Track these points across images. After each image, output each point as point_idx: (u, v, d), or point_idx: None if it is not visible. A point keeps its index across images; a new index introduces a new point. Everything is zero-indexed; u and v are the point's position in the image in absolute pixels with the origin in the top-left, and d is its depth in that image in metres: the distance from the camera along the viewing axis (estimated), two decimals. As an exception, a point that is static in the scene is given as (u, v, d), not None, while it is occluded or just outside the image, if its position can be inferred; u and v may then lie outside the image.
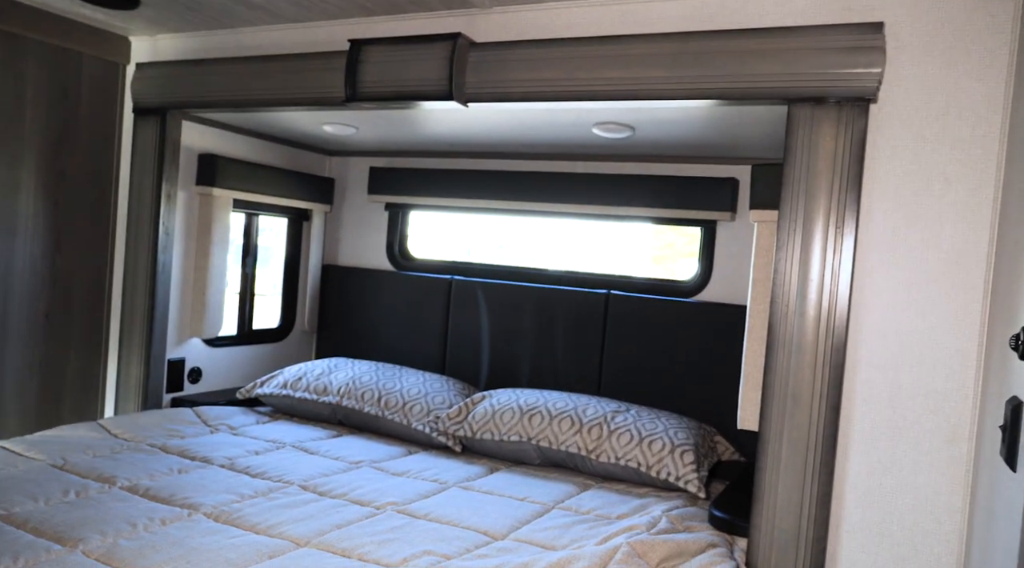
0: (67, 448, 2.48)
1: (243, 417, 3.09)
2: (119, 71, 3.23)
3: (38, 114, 2.95)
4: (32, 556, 1.71)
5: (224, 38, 3.03)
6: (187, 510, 2.07)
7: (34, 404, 3.01)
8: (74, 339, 3.15)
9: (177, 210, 3.16)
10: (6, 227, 2.87)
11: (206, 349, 3.39)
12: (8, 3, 2.78)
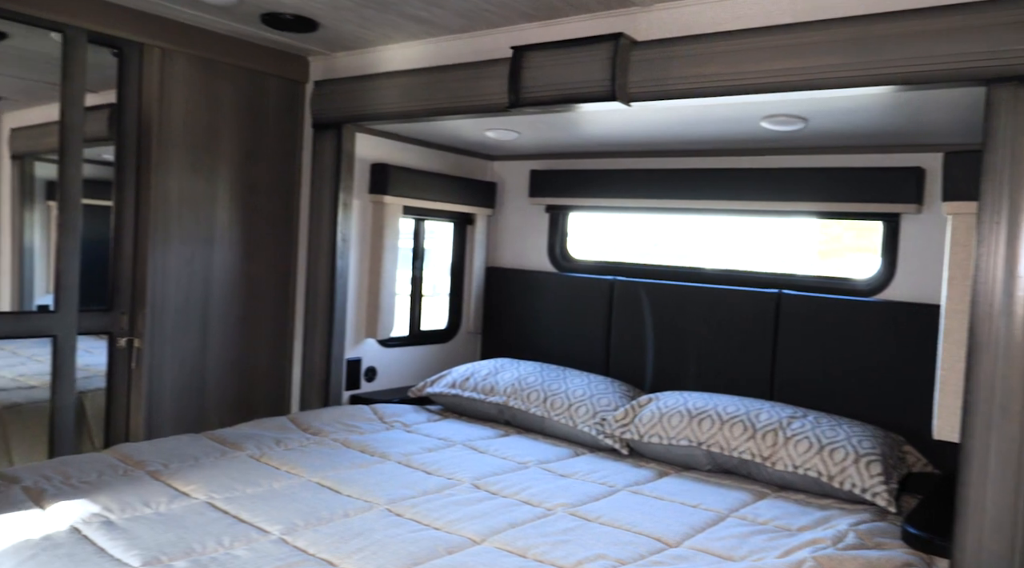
0: (262, 440, 2.68)
1: (415, 415, 3.22)
2: (299, 89, 3.45)
3: (232, 132, 3.21)
4: (238, 539, 1.86)
5: (393, 53, 3.16)
6: (369, 503, 2.18)
7: (232, 399, 3.28)
8: (264, 340, 3.40)
9: (352, 218, 3.35)
10: (206, 237, 3.15)
11: (380, 349, 3.57)
12: (206, 33, 3.04)
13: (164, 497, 2.09)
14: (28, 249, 3.55)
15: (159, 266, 2.99)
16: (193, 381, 3.13)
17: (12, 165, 3.46)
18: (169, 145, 3.00)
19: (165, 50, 2.96)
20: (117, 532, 1.83)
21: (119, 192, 2.98)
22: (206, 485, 2.20)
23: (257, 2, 2.72)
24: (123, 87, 2.96)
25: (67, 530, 1.83)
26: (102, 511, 1.95)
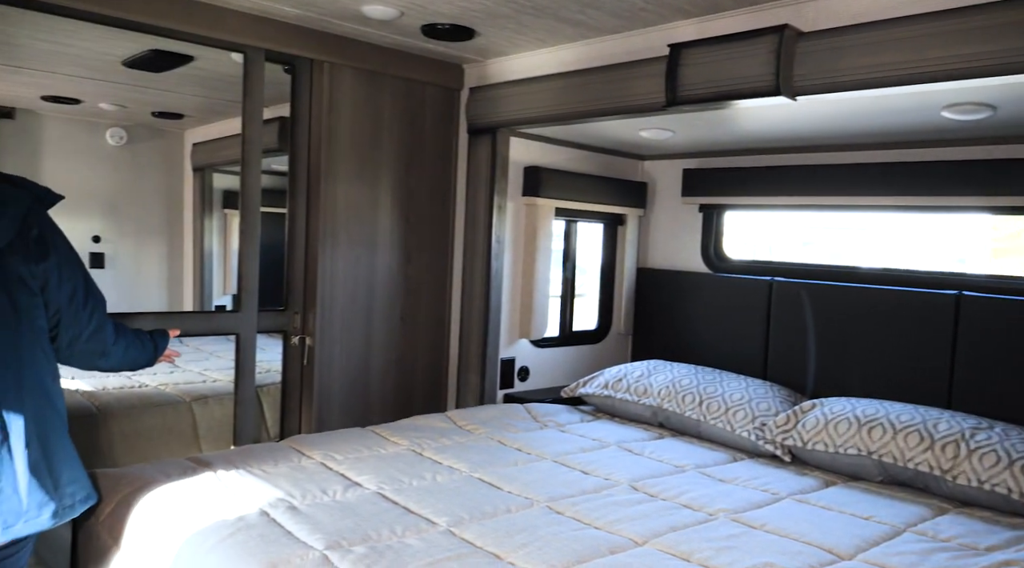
0: (423, 436, 2.79)
1: (568, 415, 3.24)
2: (455, 96, 3.56)
3: (392, 140, 3.36)
4: (409, 529, 1.95)
5: (546, 57, 3.20)
6: (529, 500, 2.22)
7: (393, 395, 3.43)
8: (422, 339, 3.53)
9: (506, 220, 3.42)
10: (370, 242, 3.31)
11: (533, 349, 3.62)
12: (370, 47, 3.20)
13: (339, 486, 2.22)
14: (207, 254, 3.87)
15: (328, 269, 3.18)
16: (358, 377, 3.30)
17: (194, 177, 3.79)
18: (337, 155, 3.18)
19: (333, 64, 3.14)
20: (301, 517, 1.96)
21: (292, 200, 3.18)
22: (376, 476, 2.31)
23: (418, 14, 2.83)
24: (296, 101, 3.16)
25: (257, 513, 1.97)
26: (286, 496, 2.09)
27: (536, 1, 2.63)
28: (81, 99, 3.47)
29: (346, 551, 1.78)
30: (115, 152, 3.61)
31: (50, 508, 1.83)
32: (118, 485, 2.19)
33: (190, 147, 3.81)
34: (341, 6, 2.77)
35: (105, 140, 3.59)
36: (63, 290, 1.96)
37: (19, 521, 1.77)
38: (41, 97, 3.33)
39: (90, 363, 2.17)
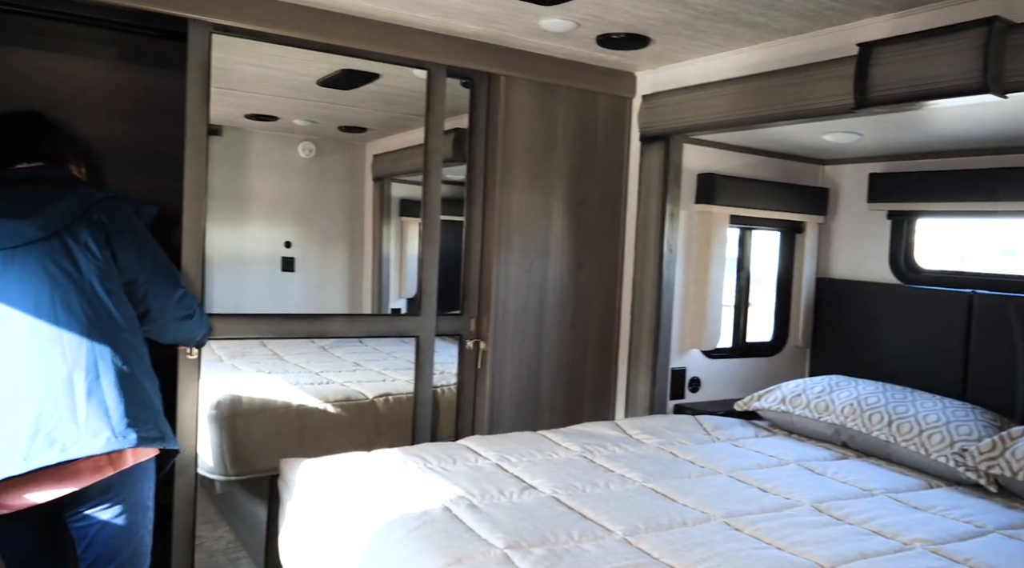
0: (593, 443, 2.80)
1: (742, 429, 3.15)
2: (626, 104, 3.56)
3: (565, 149, 3.40)
4: (585, 534, 1.97)
5: (721, 62, 3.13)
6: (706, 515, 2.17)
7: (562, 400, 3.47)
8: (591, 346, 3.55)
9: (679, 228, 3.38)
10: (542, 249, 3.37)
11: (704, 360, 3.54)
12: (545, 59, 3.27)
13: (515, 488, 2.27)
14: (385, 259, 4.09)
15: (502, 275, 3.27)
16: (529, 382, 3.37)
17: (374, 186, 4.01)
18: (512, 164, 3.26)
19: (510, 77, 3.23)
20: (481, 515, 2.03)
21: (469, 208, 3.31)
22: (550, 480, 2.35)
23: (594, 25, 2.86)
24: (474, 113, 3.28)
25: (440, 508, 2.07)
26: (466, 494, 2.18)
27: (715, 6, 2.58)
28: (278, 116, 3.79)
29: (526, 552, 1.82)
30: (305, 164, 3.89)
31: (104, 435, 1.96)
32: (312, 472, 2.36)
33: (371, 158, 4.05)
34: (520, 21, 2.85)
35: (297, 153, 3.88)
36: (143, 264, 2.24)
37: (75, 444, 1.92)
38: (245, 115, 3.66)
39: (181, 330, 2.44)
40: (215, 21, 2.65)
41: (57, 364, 1.96)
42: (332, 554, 2.08)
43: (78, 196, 2.16)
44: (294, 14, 2.75)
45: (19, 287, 2.01)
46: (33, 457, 1.87)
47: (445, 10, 2.77)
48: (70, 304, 2.03)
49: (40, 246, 2.05)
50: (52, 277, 2.03)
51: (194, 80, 2.67)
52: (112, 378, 2.02)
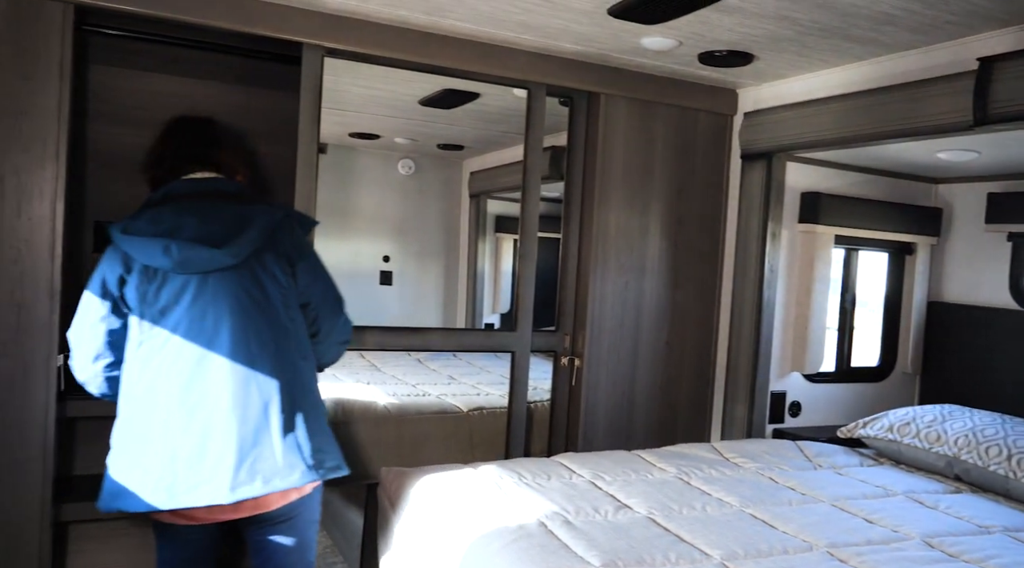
0: (689, 465, 2.76)
1: (845, 457, 3.03)
2: (727, 122, 3.51)
3: (664, 168, 3.39)
4: (682, 557, 1.94)
5: (828, 77, 3.05)
6: (807, 544, 2.11)
7: (656, 420, 3.43)
8: (687, 366, 3.50)
9: (780, 248, 3.30)
10: (639, 267, 3.35)
11: (805, 384, 3.44)
12: (644, 77, 3.27)
13: (610, 507, 2.26)
14: (480, 274, 4.15)
15: (597, 293, 3.27)
16: (623, 401, 3.35)
17: (470, 203, 4.08)
18: (610, 182, 3.27)
19: (609, 96, 3.24)
20: (576, 532, 2.03)
21: (566, 225, 3.33)
22: (645, 501, 2.33)
23: (696, 43, 2.84)
24: (572, 131, 3.31)
25: (535, 523, 2.08)
26: (560, 511, 2.18)
27: (824, 22, 2.53)
28: (380, 134, 3.92)
29: (621, 571, 1.81)
30: (404, 181, 4.00)
31: (300, 468, 2.02)
32: (411, 482, 2.42)
33: (467, 175, 4.13)
34: (621, 40, 2.86)
35: (397, 170, 4.00)
36: (315, 290, 2.23)
37: (276, 477, 1.99)
38: (349, 134, 3.80)
39: (337, 352, 2.40)
40: (327, 45, 2.78)
41: (254, 397, 2.01)
42: (430, 563, 2.12)
43: (263, 219, 2.12)
44: (400, 37, 2.85)
45: (214, 315, 2.02)
46: (239, 489, 1.95)
47: (546, 31, 2.81)
48: (261, 334, 2.06)
49: (231, 273, 2.05)
50: (243, 306, 2.05)
51: (306, 101, 2.80)
52: (301, 410, 2.09)
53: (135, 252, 2.01)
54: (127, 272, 2.04)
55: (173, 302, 2.02)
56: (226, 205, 2.15)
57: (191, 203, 2.12)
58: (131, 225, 2.05)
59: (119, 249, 2.04)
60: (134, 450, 2.01)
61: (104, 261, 2.08)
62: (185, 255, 1.99)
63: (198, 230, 2.04)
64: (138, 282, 2.03)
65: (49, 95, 2.45)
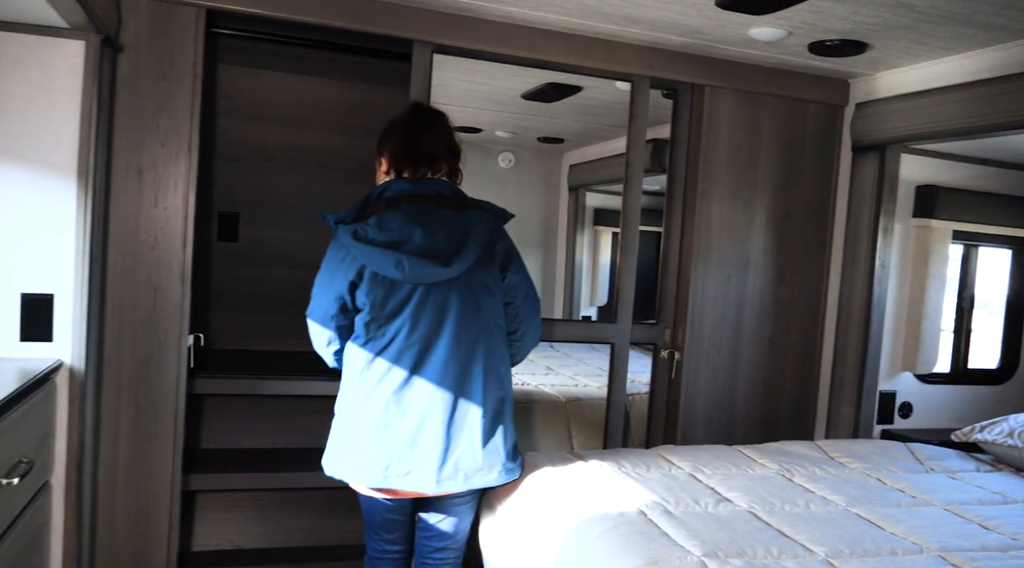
0: (792, 462, 2.71)
1: (960, 461, 2.91)
2: (838, 113, 3.42)
3: (770, 160, 3.33)
4: (784, 552, 1.92)
5: (948, 66, 2.93)
6: (918, 546, 2.05)
7: (757, 417, 3.39)
8: (790, 362, 3.43)
9: (893, 243, 3.19)
10: (741, 261, 3.31)
11: (917, 384, 3.32)
12: (751, 67, 3.22)
13: (711, 499, 2.26)
14: (577, 267, 4.18)
15: (699, 286, 3.25)
16: (723, 395, 3.32)
17: (569, 195, 4.12)
18: (713, 175, 3.24)
19: (713, 87, 3.21)
20: (676, 522, 2.05)
21: (668, 218, 3.32)
22: (746, 495, 2.32)
23: (806, 32, 2.78)
24: (676, 124, 3.29)
25: (635, 512, 2.11)
26: (660, 501, 2.20)
27: (944, 8, 2.43)
28: (482, 128, 4.00)
29: (723, 561, 1.82)
30: (504, 173, 4.07)
31: (497, 468, 2.23)
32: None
33: (567, 168, 4.17)
34: (729, 32, 2.83)
35: (497, 163, 4.07)
36: (520, 291, 2.33)
37: (476, 475, 2.19)
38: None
39: (530, 350, 2.49)
40: (436, 41, 2.87)
41: (462, 400, 2.18)
42: (530, 546, 2.18)
43: (480, 228, 2.22)
44: (507, 32, 2.91)
45: (435, 321, 2.16)
46: (444, 483, 2.16)
47: (653, 24, 2.82)
48: (473, 341, 2.20)
49: (451, 282, 2.17)
50: (460, 313, 2.18)
51: (416, 96, 2.89)
52: (502, 414, 2.27)
53: (367, 260, 2.14)
54: (359, 279, 2.17)
55: (399, 308, 2.16)
56: (446, 212, 2.21)
57: (416, 209, 2.19)
58: (361, 230, 2.15)
59: (349, 252, 2.18)
60: (354, 433, 2.21)
61: (335, 261, 2.22)
62: (416, 271, 2.12)
63: (426, 244, 2.14)
64: (369, 288, 2.16)
65: (183, 94, 2.64)
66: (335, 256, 2.21)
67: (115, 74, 2.55)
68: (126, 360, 2.64)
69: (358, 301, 2.18)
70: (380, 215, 2.17)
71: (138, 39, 2.57)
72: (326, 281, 2.22)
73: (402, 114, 2.37)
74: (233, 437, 3.34)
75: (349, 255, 2.16)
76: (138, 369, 2.66)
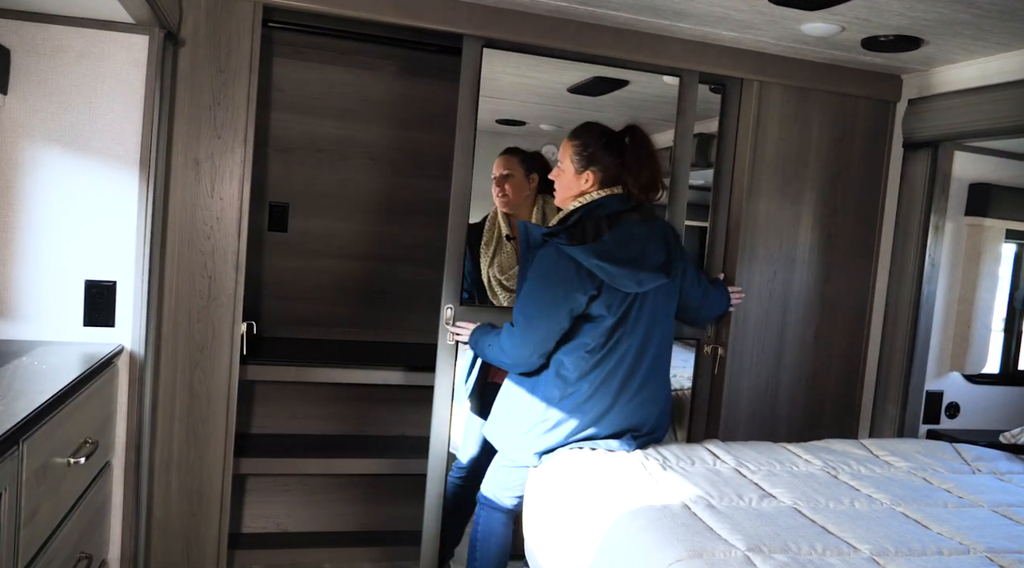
0: (836, 460, 2.70)
1: (1008, 463, 2.87)
2: (889, 109, 3.37)
3: (819, 156, 3.30)
4: (829, 548, 1.93)
5: (1005, 62, 2.88)
6: (964, 547, 2.03)
7: (800, 414, 3.37)
8: (835, 360, 3.41)
9: (944, 241, 3.15)
10: (788, 258, 3.29)
11: (965, 385, 3.28)
12: (801, 63, 3.19)
13: (754, 495, 2.27)
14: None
15: (744, 282, 3.24)
16: (767, 392, 3.31)
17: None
18: (761, 171, 3.22)
19: (763, 83, 3.19)
20: (720, 516, 2.06)
21: (714, 213, 3.31)
22: (790, 492, 2.32)
23: (860, 28, 2.75)
24: (724, 119, 3.28)
25: (679, 505, 2.12)
26: (704, 495, 2.21)
27: (1004, 3, 2.39)
28: (526, 121, 4.01)
29: (767, 556, 1.83)
30: (547, 166, 4.07)
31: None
32: (559, 458, 2.51)
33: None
34: (780, 27, 2.81)
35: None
36: (697, 284, 2.81)
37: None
38: (496, 120, 3.92)
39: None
40: (486, 35, 2.90)
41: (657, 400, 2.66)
42: (573, 536, 2.21)
43: (671, 236, 2.63)
44: (556, 26, 2.93)
45: (648, 324, 2.53)
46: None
47: (703, 18, 2.81)
48: (665, 341, 2.63)
49: (657, 290, 2.53)
50: (660, 316, 2.58)
51: (466, 90, 2.93)
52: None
53: (608, 277, 2.42)
54: (597, 292, 2.43)
55: (626, 314, 2.49)
56: (649, 225, 2.55)
57: (637, 227, 2.51)
58: (601, 250, 2.41)
59: (582, 268, 2.41)
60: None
61: (568, 277, 2.43)
62: (649, 284, 2.48)
63: (654, 258, 2.50)
64: (607, 299, 2.45)
65: (239, 86, 2.71)
66: (568, 276, 2.41)
67: (175, 68, 2.62)
68: (182, 346, 2.73)
69: (592, 311, 2.44)
70: (613, 232, 2.44)
71: (196, 33, 2.64)
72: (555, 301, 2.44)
73: (627, 137, 2.61)
74: (282, 423, 3.43)
75: (581, 270, 2.40)
76: (193, 355, 2.74)
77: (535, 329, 2.45)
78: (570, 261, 2.39)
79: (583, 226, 2.43)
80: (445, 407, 2.96)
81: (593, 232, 2.41)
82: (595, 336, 2.46)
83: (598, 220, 2.44)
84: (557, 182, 2.62)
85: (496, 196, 3.14)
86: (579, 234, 2.42)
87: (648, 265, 2.46)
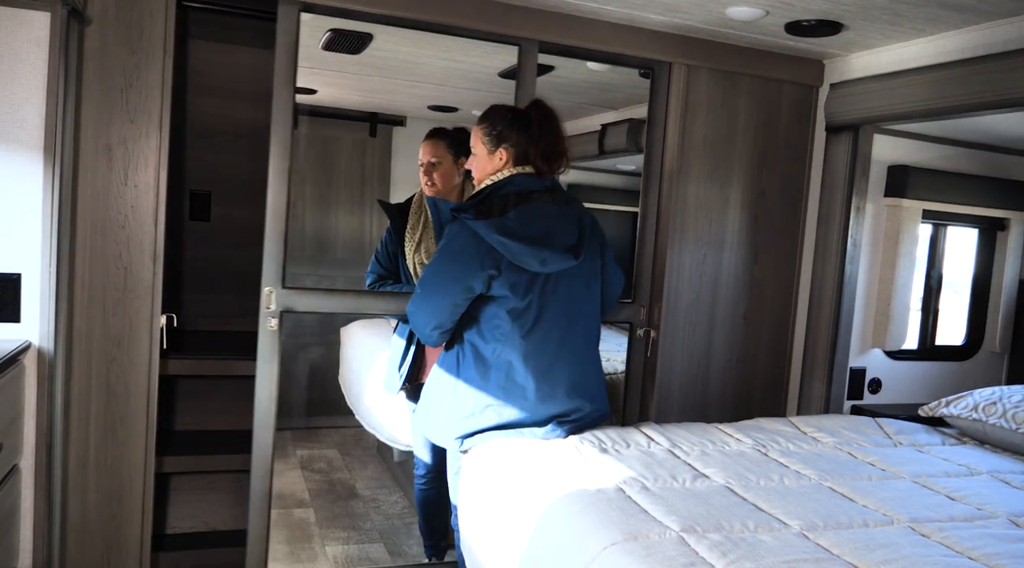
0: (766, 438, 2.75)
1: (927, 435, 2.98)
2: (812, 93, 3.44)
3: (746, 140, 3.34)
4: (761, 525, 1.95)
5: (921, 47, 2.96)
6: (888, 518, 2.09)
7: (731, 394, 3.43)
8: (763, 340, 3.47)
9: (864, 222, 3.23)
10: (717, 240, 3.34)
11: (887, 361, 3.38)
12: (727, 47, 3.22)
13: (688, 475, 2.29)
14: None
15: (675, 265, 3.27)
16: (698, 374, 3.36)
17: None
18: (690, 155, 3.25)
19: (691, 67, 3.21)
20: (654, 498, 2.07)
21: (644, 198, 3.32)
22: (723, 471, 2.35)
23: (784, 12, 2.79)
24: (653, 104, 3.28)
25: (614, 488, 2.12)
26: (638, 477, 2.22)
27: (920, -11, 2.46)
28: (458, 107, 3.96)
29: (701, 536, 1.85)
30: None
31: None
32: (490, 446, 2.49)
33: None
34: (706, 11, 2.83)
35: (475, 142, 4.03)
36: (616, 276, 2.75)
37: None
38: (428, 106, 3.86)
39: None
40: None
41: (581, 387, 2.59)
42: (507, 523, 2.19)
43: (586, 220, 2.55)
44: (482, 6, 2.87)
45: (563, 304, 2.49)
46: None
47: (630, 2, 2.80)
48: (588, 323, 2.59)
49: (570, 272, 2.47)
50: (577, 303, 2.53)
51: (282, 59, 2.66)
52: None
53: (510, 254, 2.34)
54: (497, 271, 2.37)
55: (540, 298, 2.44)
56: (559, 206, 2.48)
57: (545, 207, 2.44)
58: (503, 225, 2.33)
59: (483, 243, 2.34)
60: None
61: (468, 253, 2.36)
62: (554, 264, 2.40)
63: (561, 238, 2.42)
64: (508, 278, 2.38)
65: (153, 68, 2.57)
66: (468, 249, 2.34)
67: (82, 47, 2.48)
68: (96, 341, 2.60)
69: (493, 291, 2.38)
70: (519, 209, 2.36)
71: (105, 11, 2.50)
72: (453, 274, 2.37)
73: (532, 111, 2.52)
74: (207, 419, 3.31)
75: (482, 246, 2.32)
76: (109, 350, 2.61)
77: (428, 300, 2.42)
78: (472, 236, 2.33)
79: (490, 202, 2.38)
80: (269, 397, 2.83)
81: (500, 208, 2.35)
82: (505, 319, 2.41)
83: (505, 197, 2.38)
84: (473, 167, 2.55)
85: (424, 184, 3.06)
86: (485, 210, 2.36)
87: (554, 245, 2.38)
